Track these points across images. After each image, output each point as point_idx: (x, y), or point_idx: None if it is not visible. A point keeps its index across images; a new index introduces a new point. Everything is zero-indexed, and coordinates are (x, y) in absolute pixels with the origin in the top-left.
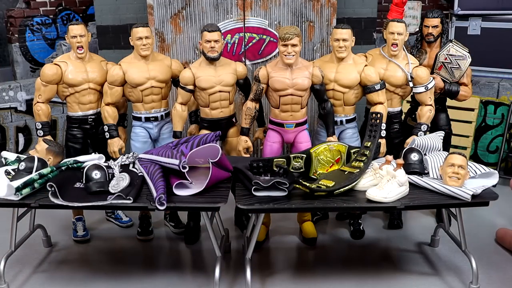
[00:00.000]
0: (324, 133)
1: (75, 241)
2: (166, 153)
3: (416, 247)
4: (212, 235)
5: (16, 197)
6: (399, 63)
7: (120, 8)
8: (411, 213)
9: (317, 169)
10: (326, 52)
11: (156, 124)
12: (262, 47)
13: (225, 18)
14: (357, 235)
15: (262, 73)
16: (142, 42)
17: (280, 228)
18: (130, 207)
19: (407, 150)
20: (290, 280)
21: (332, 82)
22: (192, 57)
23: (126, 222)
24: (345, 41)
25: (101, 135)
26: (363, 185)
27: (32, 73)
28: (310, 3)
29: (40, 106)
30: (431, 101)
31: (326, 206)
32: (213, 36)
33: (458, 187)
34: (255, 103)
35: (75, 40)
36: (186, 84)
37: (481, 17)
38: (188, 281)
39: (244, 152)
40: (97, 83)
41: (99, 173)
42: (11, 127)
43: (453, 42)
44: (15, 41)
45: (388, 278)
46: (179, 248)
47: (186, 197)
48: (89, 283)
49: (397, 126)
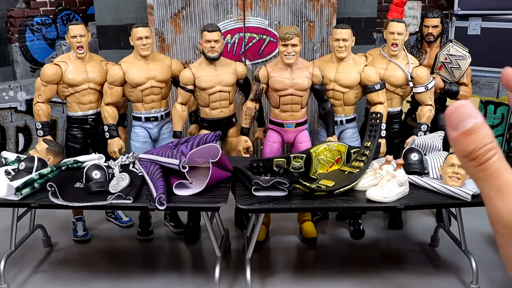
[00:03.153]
0: (324, 133)
1: (75, 241)
2: (166, 153)
3: (416, 247)
4: (212, 235)
5: (16, 197)
6: (399, 63)
7: (120, 8)
8: (411, 213)
9: (317, 169)
10: (326, 52)
11: (156, 124)
12: (262, 47)
13: (225, 18)
14: (357, 235)
15: (262, 73)
16: (142, 42)
17: (280, 228)
18: (130, 207)
19: (407, 150)
20: (290, 280)
21: (332, 82)
22: (192, 57)
23: (126, 222)
24: (345, 41)
25: (101, 135)
26: (363, 185)
27: (32, 73)
28: (310, 3)
29: (40, 106)
30: (431, 101)
31: (326, 206)
32: (213, 36)
33: (458, 187)
34: (255, 103)
35: (75, 40)
36: (186, 84)
37: (481, 17)
38: (188, 281)
39: (244, 152)
40: (97, 83)
41: (99, 173)
42: (11, 127)
43: (453, 42)
44: (15, 41)
45: (388, 278)
46: (179, 248)
47: (186, 197)
48: (89, 283)
49: (397, 126)
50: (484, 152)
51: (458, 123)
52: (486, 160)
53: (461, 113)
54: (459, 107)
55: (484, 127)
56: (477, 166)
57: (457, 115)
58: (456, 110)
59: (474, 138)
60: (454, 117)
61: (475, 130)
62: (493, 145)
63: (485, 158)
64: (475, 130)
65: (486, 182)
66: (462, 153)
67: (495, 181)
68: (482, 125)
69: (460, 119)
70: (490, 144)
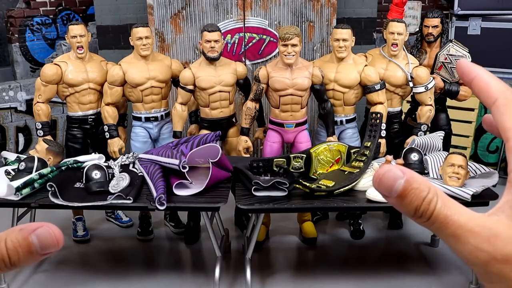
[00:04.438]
0: (324, 133)
1: (75, 241)
2: (166, 153)
3: (416, 247)
4: (212, 235)
5: (16, 197)
6: (399, 63)
7: (120, 8)
8: None
9: (317, 169)
10: (326, 52)
11: (156, 124)
12: (262, 47)
13: (225, 18)
14: (357, 235)
15: (262, 73)
16: (142, 42)
17: (280, 228)
18: (130, 207)
19: (407, 150)
20: (290, 280)
21: (332, 82)
22: (192, 57)
23: (126, 222)
24: (345, 41)
25: (101, 135)
26: (363, 185)
27: (32, 73)
28: (310, 3)
29: (40, 106)
30: (431, 101)
31: (326, 206)
32: (213, 36)
33: (458, 187)
34: (255, 103)
35: (75, 40)
36: (186, 84)
37: (481, 17)
38: (188, 281)
39: (244, 152)
40: (97, 83)
41: (99, 173)
42: (11, 127)
43: (453, 42)
44: (15, 41)
45: (388, 278)
46: (179, 248)
47: (186, 197)
48: (89, 283)
49: (397, 126)
50: (426, 207)
51: (390, 190)
52: (431, 214)
53: (388, 179)
54: (383, 176)
55: (415, 180)
56: (427, 221)
57: (385, 183)
58: (382, 178)
59: (410, 198)
60: (382, 186)
61: (407, 190)
62: (431, 194)
63: (429, 213)
64: (407, 190)
65: (440, 232)
66: (408, 214)
67: (448, 229)
68: (412, 179)
69: (389, 185)
70: (428, 196)
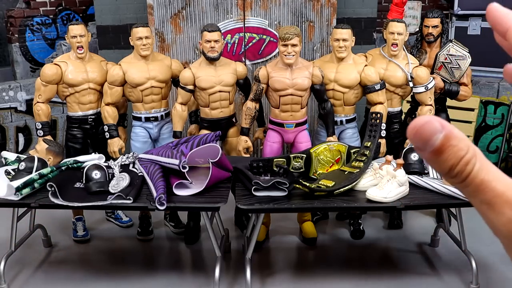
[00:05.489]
0: (324, 133)
1: (75, 241)
2: (166, 153)
3: (416, 247)
4: (212, 235)
5: (16, 197)
6: (399, 63)
7: (120, 8)
8: (411, 213)
9: (317, 169)
10: (326, 52)
11: (156, 124)
12: (262, 47)
13: (225, 18)
14: (357, 235)
15: (262, 73)
16: (142, 42)
17: (280, 228)
18: (130, 207)
19: (407, 150)
20: (290, 280)
21: (332, 82)
22: (192, 57)
23: (126, 222)
24: (345, 41)
25: (101, 135)
26: (363, 185)
27: (32, 73)
28: (310, 3)
29: (40, 106)
30: (431, 101)
31: (326, 206)
32: (213, 36)
33: None
34: (255, 103)
35: (75, 40)
36: (186, 84)
37: (481, 17)
38: (188, 281)
39: (244, 152)
40: (97, 83)
41: (99, 173)
42: (11, 127)
43: (453, 42)
44: (15, 41)
45: (388, 278)
46: (179, 248)
47: (186, 197)
48: (89, 283)
49: (397, 126)
50: (462, 168)
51: (425, 143)
52: (467, 176)
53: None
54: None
55: (454, 136)
56: (460, 183)
57: (421, 135)
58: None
59: (447, 155)
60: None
61: (445, 146)
62: (470, 155)
63: (465, 174)
64: (445, 146)
65: (474, 196)
66: (440, 171)
67: (483, 195)
68: (451, 135)
69: (426, 138)
70: (467, 156)
